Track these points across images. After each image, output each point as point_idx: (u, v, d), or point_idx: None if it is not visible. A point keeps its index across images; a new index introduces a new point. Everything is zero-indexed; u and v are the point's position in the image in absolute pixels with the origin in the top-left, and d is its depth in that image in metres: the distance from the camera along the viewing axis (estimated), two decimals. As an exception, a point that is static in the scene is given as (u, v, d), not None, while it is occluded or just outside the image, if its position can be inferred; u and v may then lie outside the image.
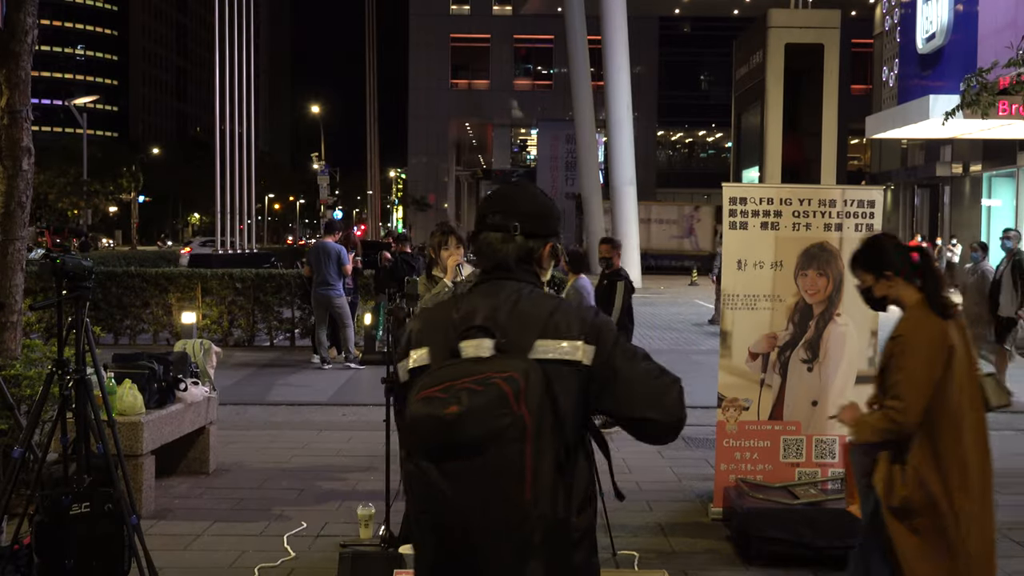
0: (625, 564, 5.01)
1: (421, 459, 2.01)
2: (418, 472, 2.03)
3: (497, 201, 2.32)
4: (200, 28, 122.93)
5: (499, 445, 1.97)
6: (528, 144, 63.23)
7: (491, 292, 2.22)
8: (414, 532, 2.17)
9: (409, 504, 2.15)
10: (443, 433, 1.98)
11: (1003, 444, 8.10)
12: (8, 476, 4.37)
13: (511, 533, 2.02)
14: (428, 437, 2.00)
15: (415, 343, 2.23)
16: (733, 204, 5.60)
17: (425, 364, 2.16)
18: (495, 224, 2.27)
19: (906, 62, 28.15)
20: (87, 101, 63.72)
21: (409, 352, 2.23)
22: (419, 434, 2.02)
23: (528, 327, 2.14)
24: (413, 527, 2.15)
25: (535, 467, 2.00)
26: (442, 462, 1.99)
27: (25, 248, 6.08)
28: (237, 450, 7.47)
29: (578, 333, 2.16)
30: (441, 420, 1.97)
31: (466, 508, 2.00)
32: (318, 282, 11.87)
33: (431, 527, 2.08)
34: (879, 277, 3.48)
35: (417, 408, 2.02)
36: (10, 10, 5.95)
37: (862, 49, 42.63)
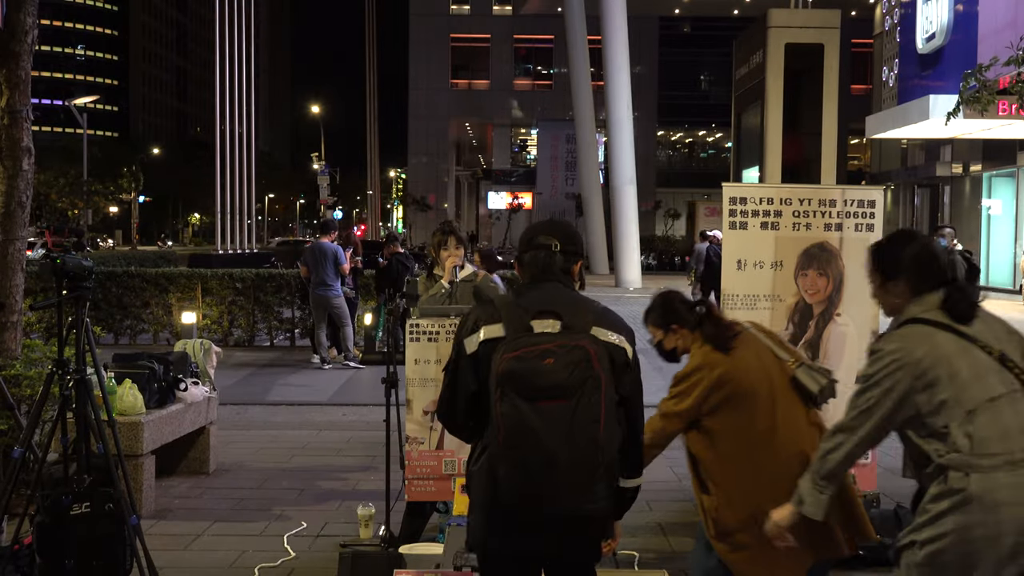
0: (625, 564, 5.01)
1: (518, 399, 2.59)
2: (513, 410, 2.59)
3: (543, 228, 3.01)
4: (200, 28, 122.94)
5: (582, 394, 2.59)
6: (528, 144, 63.23)
7: (545, 289, 2.86)
8: (496, 466, 2.67)
9: (495, 445, 2.66)
10: (541, 379, 2.58)
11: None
12: (8, 476, 4.37)
13: (588, 462, 2.61)
14: (528, 382, 2.59)
15: (486, 321, 2.81)
16: (733, 204, 5.59)
17: (500, 336, 2.74)
18: (541, 244, 2.93)
19: (906, 62, 28.15)
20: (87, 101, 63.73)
21: (479, 329, 2.80)
22: (520, 380, 2.60)
23: (584, 315, 2.79)
24: (497, 469, 2.66)
25: (606, 415, 2.63)
26: (536, 402, 2.58)
27: (25, 248, 6.08)
28: (237, 450, 7.47)
29: (624, 333, 2.85)
30: (540, 370, 2.59)
31: (554, 439, 2.57)
32: (316, 283, 11.87)
33: (517, 458, 2.60)
34: (667, 331, 3.74)
35: (511, 363, 2.62)
36: (10, 10, 5.95)
37: (862, 49, 42.62)
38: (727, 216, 5.61)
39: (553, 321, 2.73)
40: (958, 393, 2.81)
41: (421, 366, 4.94)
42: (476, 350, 2.78)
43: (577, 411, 2.58)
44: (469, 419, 2.85)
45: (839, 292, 5.61)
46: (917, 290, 2.98)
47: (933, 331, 2.89)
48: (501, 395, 2.61)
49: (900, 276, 3.02)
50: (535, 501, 2.63)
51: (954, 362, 2.84)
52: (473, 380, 2.79)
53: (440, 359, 4.93)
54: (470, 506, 2.88)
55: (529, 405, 2.58)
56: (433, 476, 4.94)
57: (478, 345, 2.78)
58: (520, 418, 2.58)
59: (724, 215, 5.63)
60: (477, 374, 2.78)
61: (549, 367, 2.59)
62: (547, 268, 2.90)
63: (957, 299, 2.94)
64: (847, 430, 2.99)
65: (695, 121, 61.51)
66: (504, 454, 2.63)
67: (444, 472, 4.93)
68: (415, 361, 4.94)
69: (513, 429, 2.59)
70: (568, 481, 2.60)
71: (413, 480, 4.95)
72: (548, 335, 2.69)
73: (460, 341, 2.86)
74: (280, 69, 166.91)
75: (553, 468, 2.58)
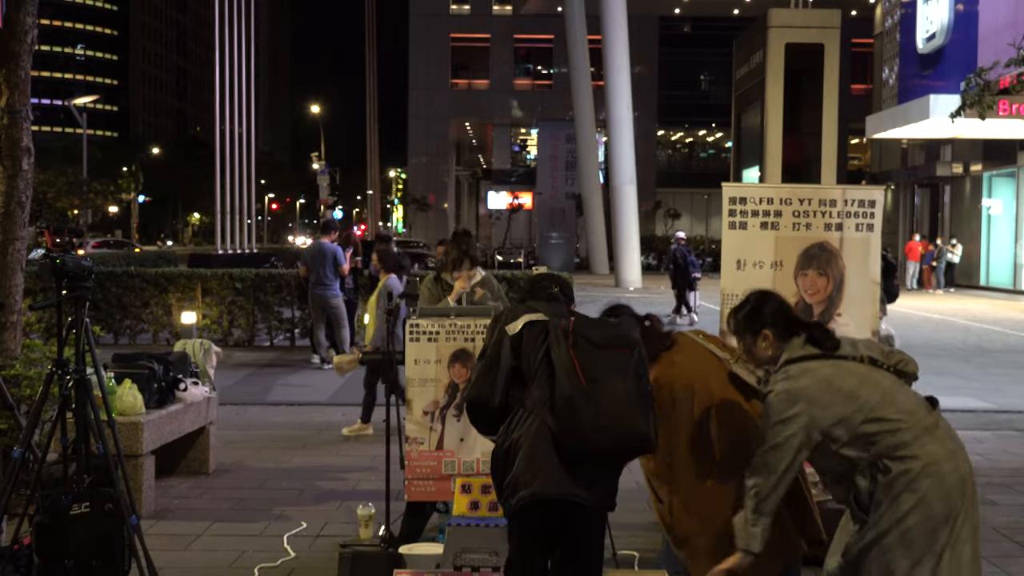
0: (625, 564, 5.01)
1: (589, 345, 3.16)
2: (587, 355, 3.15)
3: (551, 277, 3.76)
4: (200, 28, 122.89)
5: (638, 351, 3.21)
6: (528, 144, 63.22)
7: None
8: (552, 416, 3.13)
9: (562, 392, 3.10)
10: (608, 330, 3.24)
11: (1002, 444, 8.11)
12: (8, 476, 4.37)
13: (639, 401, 3.12)
14: (594, 334, 3.20)
15: (528, 312, 3.32)
16: (733, 204, 5.59)
17: (544, 319, 3.26)
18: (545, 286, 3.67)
19: (906, 62, 28.15)
20: (87, 101, 63.74)
21: (522, 316, 3.30)
22: (585, 332, 3.21)
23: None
24: (560, 409, 3.11)
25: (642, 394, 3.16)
26: (603, 348, 3.18)
27: (25, 248, 6.07)
28: (237, 450, 7.47)
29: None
30: (607, 323, 3.30)
31: (615, 382, 3.12)
32: (314, 282, 11.87)
33: (581, 401, 3.07)
34: None
35: (577, 321, 3.25)
36: (10, 10, 5.95)
37: (862, 49, 42.62)
38: (727, 216, 5.60)
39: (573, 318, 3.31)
40: (855, 401, 3.20)
41: (421, 366, 4.94)
42: (519, 331, 3.27)
43: (633, 363, 3.21)
44: (505, 396, 3.24)
45: (839, 292, 5.61)
46: (783, 337, 3.42)
47: (809, 364, 3.30)
48: (574, 343, 3.16)
49: (766, 330, 3.44)
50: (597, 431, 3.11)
51: (836, 381, 3.24)
52: (513, 357, 3.24)
53: (440, 359, 4.93)
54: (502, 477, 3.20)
55: (600, 352, 3.16)
56: (433, 476, 4.94)
57: (521, 327, 3.27)
58: (591, 361, 3.13)
59: (724, 215, 5.63)
60: (516, 353, 3.24)
61: (614, 324, 3.30)
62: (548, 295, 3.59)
63: (818, 336, 3.38)
64: (766, 468, 3.25)
65: (695, 121, 61.51)
66: (570, 399, 3.09)
67: (444, 472, 4.93)
68: (415, 361, 4.94)
69: (589, 368, 3.11)
70: (624, 413, 3.14)
71: (413, 480, 4.95)
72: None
73: (502, 328, 3.33)
74: (280, 69, 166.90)
75: (612, 405, 3.11)
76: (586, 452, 3.12)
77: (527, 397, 3.20)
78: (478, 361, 3.38)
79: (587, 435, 3.08)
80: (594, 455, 3.14)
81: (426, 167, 58.75)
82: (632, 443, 3.15)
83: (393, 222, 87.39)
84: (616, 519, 5.36)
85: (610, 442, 3.11)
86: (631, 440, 3.13)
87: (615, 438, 3.10)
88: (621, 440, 3.12)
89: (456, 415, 4.93)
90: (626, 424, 3.09)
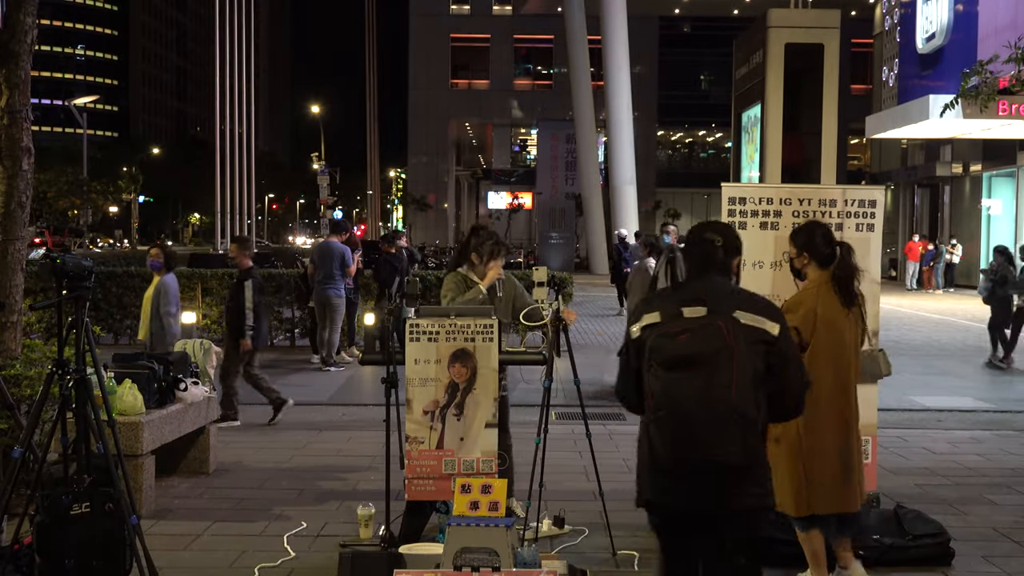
0: (625, 564, 5.01)
1: (660, 370, 3.13)
2: (656, 380, 3.14)
3: (709, 226, 3.51)
4: (200, 28, 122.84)
5: (714, 361, 3.08)
6: (528, 144, 63.19)
7: (702, 280, 3.36)
8: (650, 430, 3.18)
9: (649, 412, 3.19)
10: (677, 351, 3.12)
11: (1002, 444, 8.11)
12: (8, 476, 4.37)
13: (721, 416, 3.06)
14: (667, 354, 3.13)
15: (647, 310, 3.32)
16: (732, 204, 5.59)
17: (657, 322, 3.25)
18: (707, 239, 3.43)
19: (906, 62, 28.14)
20: (87, 101, 63.73)
21: (643, 316, 3.31)
22: (661, 352, 3.14)
23: (729, 302, 3.25)
24: (650, 425, 3.18)
25: (739, 381, 3.08)
26: (673, 370, 3.10)
27: (25, 248, 6.08)
28: (237, 450, 7.47)
29: (769, 315, 3.27)
30: (676, 343, 3.13)
31: (689, 399, 3.07)
32: (320, 280, 11.88)
33: (665, 421, 3.11)
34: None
35: (656, 339, 3.18)
36: (10, 10, 5.95)
37: (862, 49, 42.61)
38: (726, 216, 5.61)
39: (701, 308, 3.22)
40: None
41: (421, 366, 4.94)
42: (639, 335, 3.31)
43: (710, 376, 3.07)
44: (638, 394, 3.31)
45: (839, 292, 5.60)
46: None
47: None
48: (649, 369, 3.18)
49: None
50: (681, 458, 3.12)
51: None
52: (636, 359, 3.30)
53: (440, 359, 4.93)
54: (637, 468, 3.35)
55: (668, 373, 3.11)
56: (433, 476, 4.94)
57: (640, 331, 3.31)
58: (662, 386, 3.11)
59: (723, 215, 5.63)
60: (639, 355, 3.29)
61: (683, 341, 3.12)
62: (710, 259, 3.38)
63: None
64: None
65: (695, 121, 61.46)
66: (654, 417, 3.15)
67: (444, 472, 4.93)
68: (415, 361, 4.94)
69: (659, 395, 3.13)
70: (705, 436, 3.07)
71: (413, 480, 4.96)
72: (693, 319, 3.19)
73: (627, 329, 3.41)
74: (280, 69, 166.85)
75: (691, 425, 3.07)
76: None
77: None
78: (618, 355, 3.51)
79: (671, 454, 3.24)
80: (678, 476, 3.29)
81: (426, 167, 58.74)
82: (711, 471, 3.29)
83: (393, 222, 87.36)
84: (616, 519, 5.37)
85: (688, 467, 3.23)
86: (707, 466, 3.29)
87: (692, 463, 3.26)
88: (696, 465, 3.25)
89: (456, 415, 4.94)
90: (697, 450, 3.20)
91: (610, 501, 5.47)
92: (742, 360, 3.10)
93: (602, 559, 5.06)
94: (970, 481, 6.81)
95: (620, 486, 6.43)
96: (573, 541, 5.32)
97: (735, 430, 3.07)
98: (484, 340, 4.92)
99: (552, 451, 5.81)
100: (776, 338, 3.24)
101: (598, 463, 5.49)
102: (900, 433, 8.39)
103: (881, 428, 7.09)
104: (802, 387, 3.34)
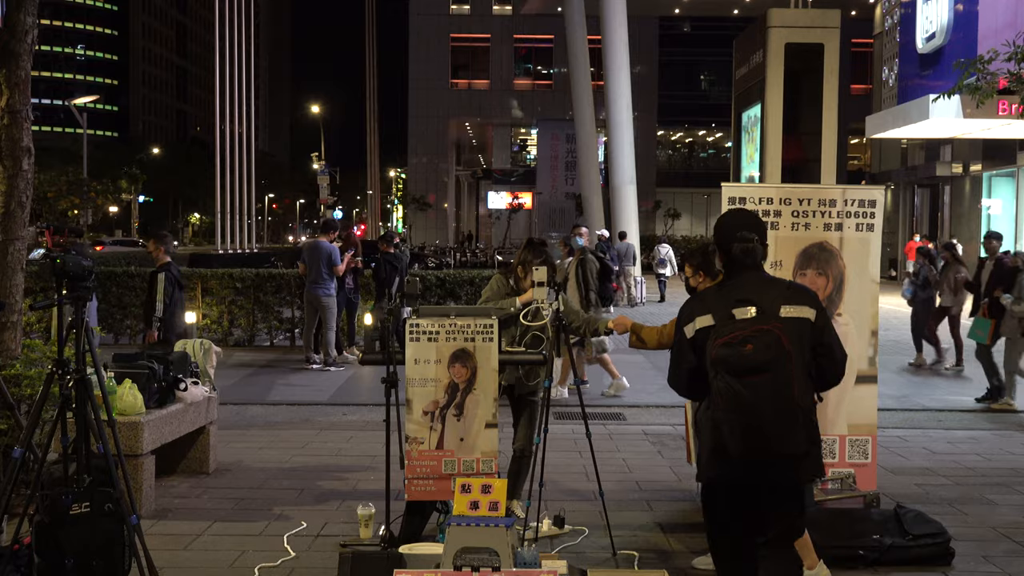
0: (625, 564, 5.01)
1: (728, 377, 3.49)
2: (726, 386, 3.50)
3: (743, 223, 3.77)
4: (200, 28, 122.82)
5: (778, 367, 3.48)
6: (528, 144, 63.21)
7: (744, 278, 3.68)
8: (721, 431, 3.55)
9: (717, 409, 3.56)
10: (745, 361, 3.48)
11: (1002, 444, 8.11)
12: (8, 476, 4.37)
13: (788, 416, 3.50)
14: (735, 364, 3.48)
15: (700, 312, 3.65)
16: (732, 204, 5.59)
17: (711, 324, 3.59)
18: (747, 237, 3.69)
19: (906, 62, 28.14)
20: (87, 101, 63.69)
21: (695, 318, 3.65)
22: (729, 363, 3.49)
23: (774, 298, 3.62)
24: (721, 427, 3.55)
25: (796, 379, 3.52)
26: (742, 377, 3.47)
27: (25, 248, 6.07)
28: (237, 450, 7.47)
29: (808, 302, 3.67)
30: (743, 354, 3.48)
31: (759, 402, 3.46)
32: (310, 280, 11.92)
33: (736, 420, 3.50)
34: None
35: (720, 351, 3.52)
36: (10, 10, 5.95)
37: (862, 49, 42.61)
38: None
39: (751, 308, 3.57)
40: None
41: (421, 366, 4.94)
42: (694, 336, 3.65)
43: (775, 380, 3.48)
44: (692, 385, 3.72)
45: (840, 292, 5.61)
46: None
47: None
48: (715, 375, 3.53)
49: None
50: (752, 451, 3.51)
51: None
52: (693, 358, 3.67)
53: (440, 359, 4.93)
54: (700, 445, 3.71)
55: (738, 380, 3.47)
56: (433, 476, 4.94)
57: (695, 332, 3.65)
58: (732, 392, 3.48)
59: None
60: (695, 353, 3.65)
61: (750, 352, 3.48)
62: (756, 260, 3.71)
63: None
64: None
65: (695, 121, 61.47)
66: (725, 418, 3.52)
67: (444, 472, 4.93)
68: (415, 361, 4.94)
69: (729, 400, 3.50)
70: (775, 433, 3.49)
71: (413, 480, 4.96)
72: (746, 321, 3.54)
73: (680, 328, 3.73)
74: (280, 69, 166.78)
75: (762, 425, 3.48)
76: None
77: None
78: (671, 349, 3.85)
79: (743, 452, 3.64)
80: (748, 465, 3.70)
81: (426, 167, 58.73)
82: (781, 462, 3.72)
83: (393, 222, 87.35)
84: (616, 519, 5.37)
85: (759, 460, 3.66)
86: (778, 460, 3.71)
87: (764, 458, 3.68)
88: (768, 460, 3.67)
89: (456, 415, 4.94)
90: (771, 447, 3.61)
91: (610, 501, 5.47)
92: (797, 359, 3.53)
93: (602, 559, 5.06)
94: (970, 481, 6.81)
95: (620, 486, 6.44)
96: (573, 541, 5.32)
97: (799, 424, 3.52)
98: (484, 340, 4.92)
99: (552, 451, 5.82)
100: (814, 321, 3.65)
101: (598, 463, 5.49)
102: (900, 433, 8.39)
103: (881, 428, 7.10)
104: (843, 357, 3.74)
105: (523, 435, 5.59)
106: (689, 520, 5.75)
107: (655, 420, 9.00)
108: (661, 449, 7.67)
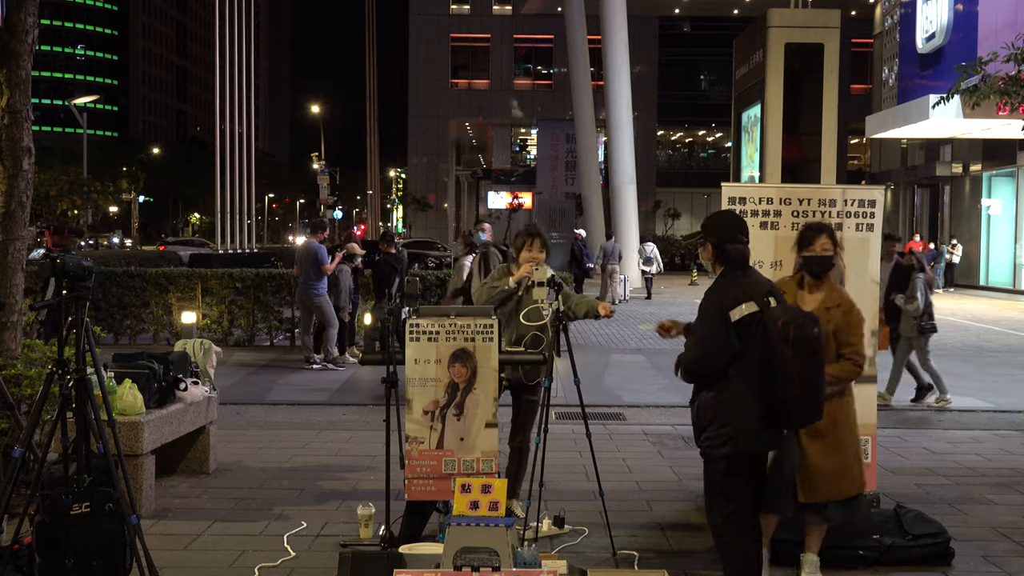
0: (625, 564, 5.01)
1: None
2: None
3: (737, 226, 4.19)
4: (200, 28, 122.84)
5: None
6: (528, 144, 63.14)
7: (750, 274, 4.13)
8: (786, 404, 3.94)
9: (795, 384, 3.90)
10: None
11: (1002, 444, 8.11)
12: (8, 476, 4.37)
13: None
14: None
15: (742, 299, 3.97)
16: (732, 204, 5.60)
17: (756, 311, 3.94)
18: (741, 240, 4.12)
19: (906, 62, 28.15)
20: (87, 101, 63.67)
21: (741, 305, 3.96)
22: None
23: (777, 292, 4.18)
24: (786, 402, 3.92)
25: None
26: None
27: (25, 248, 6.07)
28: (237, 450, 7.47)
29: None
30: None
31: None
32: (301, 281, 11.99)
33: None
34: None
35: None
36: (10, 10, 5.95)
37: (862, 49, 42.60)
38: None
39: (772, 299, 4.04)
40: None
41: (421, 366, 4.94)
42: (741, 319, 3.94)
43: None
44: (722, 370, 3.96)
45: (839, 292, 5.59)
46: None
47: None
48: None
49: None
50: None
51: None
52: (737, 342, 3.95)
53: (440, 359, 4.93)
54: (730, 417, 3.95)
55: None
56: (433, 476, 4.94)
57: (741, 316, 3.94)
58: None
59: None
60: (740, 337, 3.94)
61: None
62: (745, 259, 4.12)
63: None
64: None
65: (695, 121, 61.43)
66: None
67: (444, 471, 4.93)
68: (415, 361, 4.94)
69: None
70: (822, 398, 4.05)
71: (413, 480, 4.96)
72: (781, 308, 4.00)
73: (724, 312, 3.97)
74: (280, 69, 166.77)
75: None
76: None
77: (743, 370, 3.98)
78: (693, 331, 4.14)
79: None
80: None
81: (426, 167, 58.71)
82: None
83: (393, 222, 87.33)
84: (616, 519, 5.37)
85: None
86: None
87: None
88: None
89: (456, 415, 4.94)
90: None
91: (610, 501, 5.47)
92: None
93: (602, 559, 5.06)
94: (970, 481, 6.81)
95: (620, 486, 6.44)
96: (573, 541, 5.32)
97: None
98: (484, 340, 4.93)
99: (552, 451, 5.81)
100: None
101: (598, 463, 5.49)
102: (900, 433, 8.40)
103: (881, 428, 7.10)
104: None
105: (521, 432, 5.61)
106: (689, 520, 5.75)
107: (655, 420, 9.01)
108: (661, 449, 7.67)
